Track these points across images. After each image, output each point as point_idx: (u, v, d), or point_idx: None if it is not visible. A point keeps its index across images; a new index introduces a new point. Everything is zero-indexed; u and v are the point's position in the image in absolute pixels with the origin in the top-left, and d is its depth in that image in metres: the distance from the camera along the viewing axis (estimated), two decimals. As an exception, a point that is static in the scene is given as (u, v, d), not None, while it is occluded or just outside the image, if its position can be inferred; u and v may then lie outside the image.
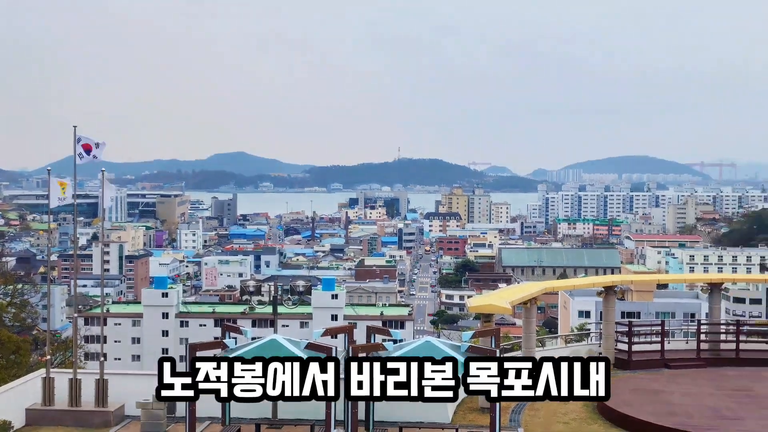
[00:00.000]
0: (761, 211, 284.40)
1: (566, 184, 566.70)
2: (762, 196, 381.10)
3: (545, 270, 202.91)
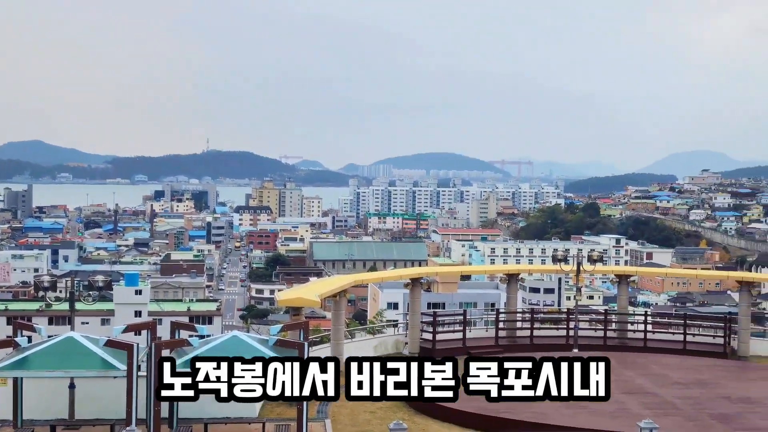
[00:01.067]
0: (555, 207, 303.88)
1: (377, 179, 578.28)
2: (555, 192, 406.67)
3: (356, 263, 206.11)
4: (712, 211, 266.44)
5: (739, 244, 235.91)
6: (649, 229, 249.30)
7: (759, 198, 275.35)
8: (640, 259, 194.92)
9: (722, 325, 35.42)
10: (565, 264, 36.05)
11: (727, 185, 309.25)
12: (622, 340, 35.67)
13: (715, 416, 23.57)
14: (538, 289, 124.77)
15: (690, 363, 30.96)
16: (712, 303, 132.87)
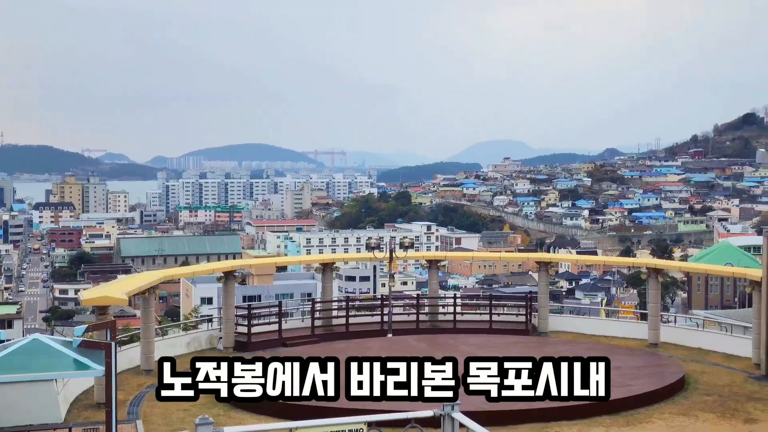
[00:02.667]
0: (368, 196, 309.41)
1: (187, 172, 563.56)
2: (369, 182, 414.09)
3: (167, 259, 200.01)
4: (513, 197, 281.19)
5: (539, 227, 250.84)
6: (457, 216, 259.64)
7: (555, 184, 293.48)
8: (450, 245, 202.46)
9: (524, 304, 37.56)
10: (378, 251, 36.84)
11: (527, 172, 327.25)
12: (434, 322, 36.97)
13: (519, 390, 24.92)
14: (353, 278, 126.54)
15: (496, 341, 32.55)
16: (516, 284, 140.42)
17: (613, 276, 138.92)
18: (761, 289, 29.18)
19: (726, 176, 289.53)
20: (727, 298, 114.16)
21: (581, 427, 22.23)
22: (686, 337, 34.12)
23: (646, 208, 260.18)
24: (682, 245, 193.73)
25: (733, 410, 23.86)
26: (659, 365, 28.46)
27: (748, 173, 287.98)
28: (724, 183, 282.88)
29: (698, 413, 23.58)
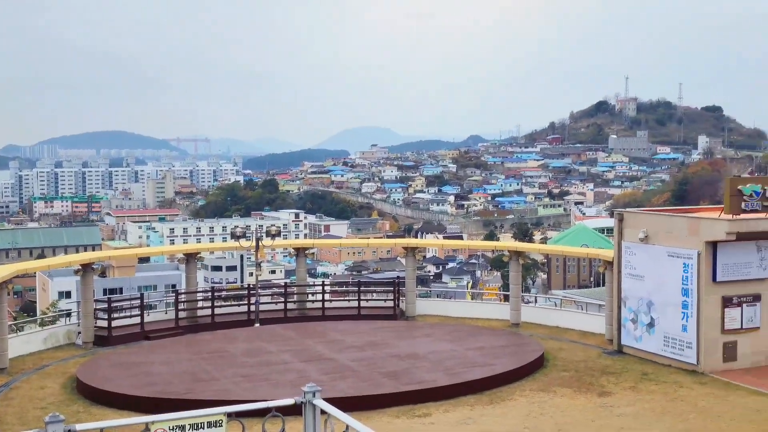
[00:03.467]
0: (234, 184, 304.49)
1: (41, 161, 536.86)
2: (234, 169, 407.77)
3: (21, 252, 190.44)
4: (381, 184, 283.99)
5: (407, 213, 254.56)
6: (326, 203, 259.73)
7: (421, 170, 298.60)
8: (319, 232, 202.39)
9: (392, 289, 37.97)
10: (244, 240, 36.27)
11: (394, 159, 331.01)
12: (302, 310, 36.82)
13: (386, 374, 25.22)
14: (220, 267, 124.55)
15: (364, 327, 32.78)
16: (384, 269, 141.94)
17: (478, 260, 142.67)
18: (613, 269, 30.68)
19: (581, 161, 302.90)
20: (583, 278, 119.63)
21: (447, 407, 22.70)
22: (545, 316, 35.45)
23: (508, 193, 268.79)
24: (542, 228, 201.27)
25: (588, 384, 24.99)
26: (520, 344, 29.44)
27: (601, 158, 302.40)
28: (580, 168, 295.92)
29: (557, 389, 24.54)
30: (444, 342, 29.73)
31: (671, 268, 27.78)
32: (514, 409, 22.64)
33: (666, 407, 22.61)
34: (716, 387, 24.69)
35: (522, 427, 21.08)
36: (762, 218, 26.88)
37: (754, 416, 21.56)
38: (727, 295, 27.13)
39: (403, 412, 22.20)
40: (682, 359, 27.31)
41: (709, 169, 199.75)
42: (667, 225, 28.80)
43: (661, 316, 28.22)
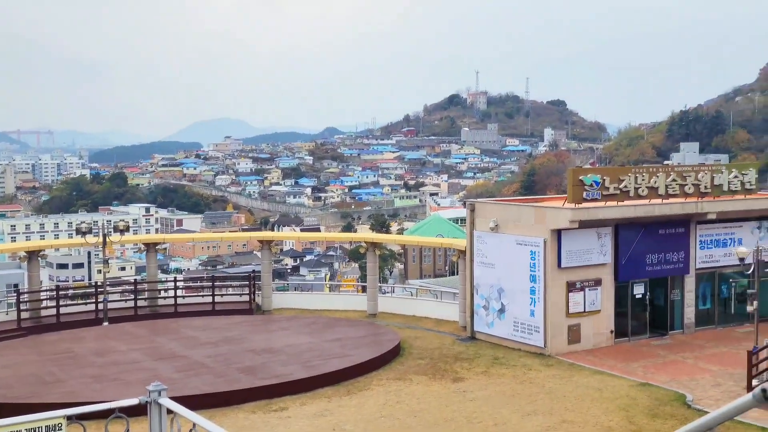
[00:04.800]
0: (80, 178, 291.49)
1: None
2: (80, 163, 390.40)
3: None
4: (236, 176, 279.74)
5: (263, 206, 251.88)
6: (178, 197, 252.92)
7: (277, 162, 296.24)
8: (171, 227, 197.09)
9: (247, 283, 37.47)
10: (90, 236, 34.78)
11: (249, 151, 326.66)
12: (154, 308, 35.74)
13: (242, 369, 24.85)
14: (66, 265, 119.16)
15: (219, 323, 32.18)
16: (240, 264, 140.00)
17: (336, 251, 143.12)
18: (466, 258, 31.49)
19: (436, 153, 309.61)
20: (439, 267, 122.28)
21: (304, 400, 22.62)
22: (402, 305, 36.00)
23: (365, 184, 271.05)
24: (399, 219, 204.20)
25: (443, 371, 25.55)
26: (377, 334, 29.74)
27: (454, 150, 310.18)
28: (434, 160, 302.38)
29: (413, 376, 24.95)
30: (301, 335, 29.62)
31: (520, 255, 28.82)
32: (371, 398, 22.83)
33: (516, 390, 23.43)
34: (562, 368, 25.83)
35: (378, 415, 21.29)
36: (602, 206, 28.31)
37: (596, 394, 22.69)
38: (571, 280, 28.42)
39: (260, 407, 21.94)
40: (530, 343, 28.40)
41: (554, 160, 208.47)
42: (515, 214, 29.84)
43: (511, 302, 29.23)
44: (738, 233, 32.05)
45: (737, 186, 31.29)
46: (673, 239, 30.56)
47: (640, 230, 29.71)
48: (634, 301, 30.07)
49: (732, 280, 32.07)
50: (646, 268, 30.02)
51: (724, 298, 32.31)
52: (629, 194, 28.80)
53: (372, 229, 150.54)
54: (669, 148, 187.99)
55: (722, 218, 31.30)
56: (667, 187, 29.53)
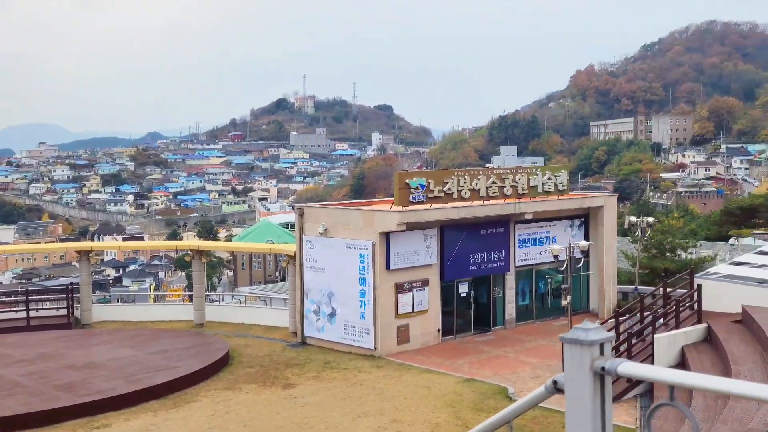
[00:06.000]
0: None
1: None
2: None
3: None
4: (52, 184, 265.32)
5: (81, 215, 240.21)
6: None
7: (96, 169, 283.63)
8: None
9: (65, 296, 35.51)
10: None
11: (65, 157, 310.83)
12: (-41, 326, 33.13)
13: (61, 387, 23.50)
14: None
15: (35, 339, 30.33)
16: (58, 276, 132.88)
17: (161, 260, 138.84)
18: (296, 263, 31.34)
19: (264, 158, 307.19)
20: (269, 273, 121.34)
21: (128, 415, 21.67)
22: (231, 314, 35.34)
23: (191, 190, 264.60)
24: (227, 225, 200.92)
25: (274, 378, 25.27)
26: (204, 344, 29.00)
27: (283, 155, 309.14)
28: (263, 164, 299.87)
29: (242, 385, 24.50)
30: (124, 348, 28.40)
31: (349, 259, 29.01)
32: (199, 410, 22.20)
33: (347, 392, 23.52)
34: (392, 369, 26.21)
35: (207, 427, 20.73)
36: (427, 209, 29.02)
37: (425, 392, 23.18)
38: (399, 282, 28.91)
39: (81, 425, 20.82)
40: (361, 345, 28.64)
41: (383, 164, 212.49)
42: (344, 218, 30.01)
43: (341, 305, 29.36)
44: (553, 232, 33.81)
45: (551, 187, 33.03)
46: (494, 239, 31.79)
47: (463, 231, 30.69)
48: (459, 299, 31.02)
49: (548, 276, 33.82)
50: (470, 267, 31.05)
51: (542, 293, 33.99)
52: (453, 196, 29.70)
53: (199, 237, 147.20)
54: (490, 151, 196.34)
55: (538, 218, 32.93)
56: (488, 189, 30.70)
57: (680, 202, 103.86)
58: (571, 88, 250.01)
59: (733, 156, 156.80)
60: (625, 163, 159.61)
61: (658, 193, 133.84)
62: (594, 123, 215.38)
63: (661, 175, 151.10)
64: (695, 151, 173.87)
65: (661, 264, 39.97)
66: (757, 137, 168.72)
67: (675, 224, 48.25)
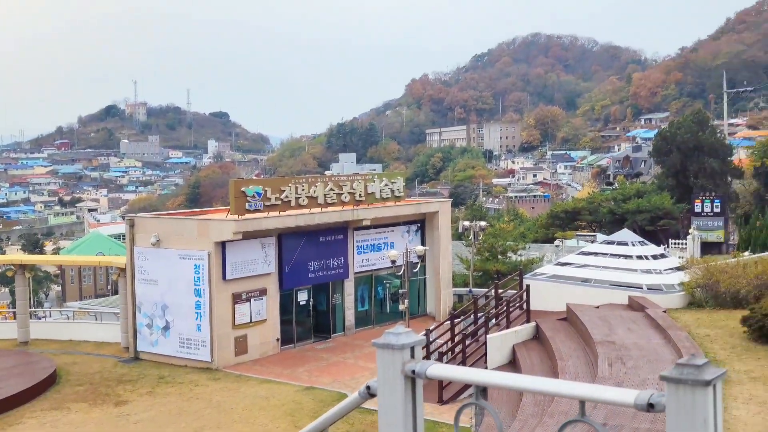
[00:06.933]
0: None
1: None
2: None
3: None
4: None
5: None
6: None
7: None
8: None
9: None
10: None
11: None
12: None
13: None
14: None
15: None
16: None
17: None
18: (127, 275, 30.19)
19: (93, 167, 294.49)
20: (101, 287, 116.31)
21: (-58, 445, 20.13)
22: (58, 330, 33.58)
23: (14, 202, 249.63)
24: (54, 238, 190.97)
25: (105, 395, 24.22)
26: (29, 363, 27.40)
27: (113, 163, 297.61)
28: (92, 174, 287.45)
29: (71, 404, 23.33)
30: (-63, 372, 26.33)
31: (184, 270, 28.25)
32: None
33: (182, 407, 22.88)
34: (229, 381, 25.75)
35: (32, 452, 19.59)
36: (264, 217, 28.75)
37: (264, 403, 22.92)
38: (236, 292, 28.46)
39: None
40: (197, 358, 27.96)
41: (219, 172, 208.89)
42: (178, 228, 29.21)
43: (176, 318, 28.55)
44: (390, 237, 34.38)
45: (388, 194, 33.60)
46: (333, 246, 31.93)
47: (302, 238, 30.63)
48: (298, 307, 30.92)
49: (386, 281, 34.35)
50: (308, 275, 31.02)
51: (380, 298, 34.47)
52: (291, 204, 29.59)
53: (23, 250, 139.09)
54: (329, 158, 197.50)
55: (376, 224, 33.39)
56: (326, 196, 30.81)
57: (511, 207, 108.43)
58: (407, 96, 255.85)
59: (558, 162, 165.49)
60: (459, 169, 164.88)
61: (490, 198, 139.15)
62: (429, 130, 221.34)
63: (493, 181, 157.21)
64: (524, 158, 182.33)
65: (493, 266, 41.53)
66: (578, 144, 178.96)
67: (506, 228, 50.39)
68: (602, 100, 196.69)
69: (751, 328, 20.87)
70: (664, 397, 2.49)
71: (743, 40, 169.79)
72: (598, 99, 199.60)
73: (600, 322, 23.36)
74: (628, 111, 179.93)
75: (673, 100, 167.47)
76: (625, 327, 22.92)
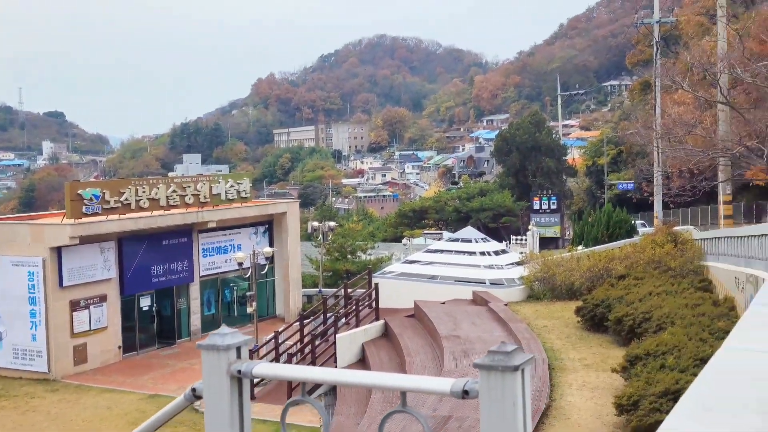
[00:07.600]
0: None
1: None
2: None
3: None
4: None
5: None
6: None
7: None
8: None
9: None
10: None
11: None
12: None
13: None
14: None
15: None
16: None
17: None
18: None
19: None
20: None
21: None
22: None
23: None
24: None
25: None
26: None
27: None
28: None
29: None
30: None
31: (17, 277, 26.77)
32: None
33: (18, 421, 21.67)
34: (68, 392, 24.60)
35: None
36: (103, 220, 27.66)
37: (106, 413, 22.05)
38: (75, 299, 27.23)
39: None
40: (33, 369, 26.56)
41: (55, 174, 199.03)
42: (9, 233, 27.65)
43: (9, 328, 27.01)
44: (237, 239, 33.90)
45: (234, 195, 33.12)
46: (176, 249, 31.13)
47: (144, 242, 29.68)
48: (141, 313, 29.95)
49: (233, 284, 33.85)
50: (151, 279, 30.11)
51: (228, 302, 33.94)
52: (131, 207, 28.62)
53: None
54: (173, 159, 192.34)
55: (222, 226, 32.84)
56: (168, 198, 30.00)
57: (360, 206, 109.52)
58: (253, 96, 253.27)
59: (405, 162, 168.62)
60: (308, 170, 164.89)
61: (340, 198, 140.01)
62: (277, 131, 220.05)
63: (342, 181, 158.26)
64: (372, 158, 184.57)
65: (342, 266, 41.80)
66: (425, 144, 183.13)
67: (355, 227, 50.79)
68: (447, 102, 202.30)
69: (584, 318, 22.03)
70: (478, 384, 2.57)
71: (575, 46, 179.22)
72: (443, 100, 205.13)
73: (446, 318, 23.98)
74: (471, 112, 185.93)
75: (512, 102, 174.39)
76: (470, 321, 23.63)
